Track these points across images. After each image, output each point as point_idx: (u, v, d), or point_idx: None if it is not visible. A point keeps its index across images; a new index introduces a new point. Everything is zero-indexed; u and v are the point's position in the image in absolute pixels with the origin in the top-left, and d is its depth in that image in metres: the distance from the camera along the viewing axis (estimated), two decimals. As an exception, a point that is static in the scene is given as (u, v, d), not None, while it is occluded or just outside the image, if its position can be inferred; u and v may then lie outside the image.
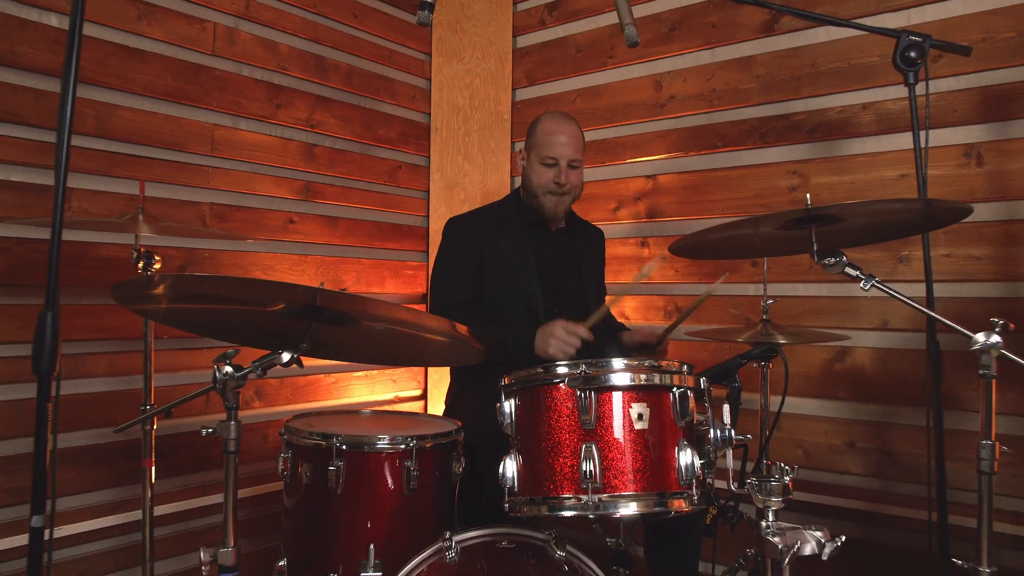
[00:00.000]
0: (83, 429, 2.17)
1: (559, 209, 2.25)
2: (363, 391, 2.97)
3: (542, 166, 2.20)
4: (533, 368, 1.40)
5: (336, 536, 1.64)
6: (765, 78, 2.60)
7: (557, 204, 2.23)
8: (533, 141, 2.24)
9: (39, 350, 1.31)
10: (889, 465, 2.33)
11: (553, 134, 2.20)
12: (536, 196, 2.23)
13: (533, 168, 2.22)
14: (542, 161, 2.20)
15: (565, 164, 2.19)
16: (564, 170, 2.19)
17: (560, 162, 2.19)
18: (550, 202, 2.23)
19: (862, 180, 2.40)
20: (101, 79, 2.20)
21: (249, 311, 1.46)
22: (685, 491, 1.31)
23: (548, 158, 2.19)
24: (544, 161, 2.19)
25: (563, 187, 2.20)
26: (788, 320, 2.41)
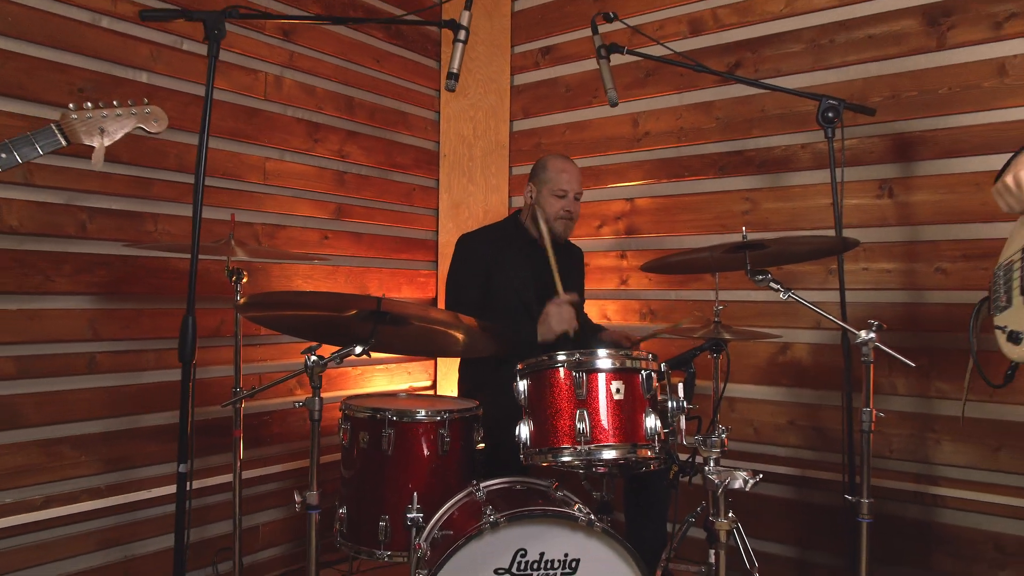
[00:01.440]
0: (166, 411, 2.65)
1: (567, 232, 2.77)
2: (383, 381, 3.47)
3: (554, 197, 2.71)
4: (541, 356, 1.91)
5: (386, 488, 2.13)
6: (723, 120, 3.13)
7: (566, 228, 2.76)
8: (545, 177, 2.74)
9: (183, 344, 1.79)
10: (820, 439, 2.87)
11: (564, 172, 2.72)
12: (548, 221, 2.71)
13: (546, 199, 2.72)
14: (554, 193, 2.71)
15: (572, 196, 2.71)
16: (572, 201, 2.72)
17: (569, 194, 2.71)
18: (560, 226, 2.74)
19: (800, 206, 2.94)
20: (181, 124, 2.67)
21: (330, 316, 1.96)
22: (650, 444, 1.83)
23: (560, 191, 2.70)
24: (556, 193, 2.71)
25: (571, 214, 2.73)
26: (740, 321, 2.93)
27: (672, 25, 3.27)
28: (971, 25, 2.60)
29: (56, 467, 2.39)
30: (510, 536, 1.69)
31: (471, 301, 2.70)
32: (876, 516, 2.55)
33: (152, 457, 2.62)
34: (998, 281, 1.59)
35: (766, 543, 2.89)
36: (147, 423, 2.62)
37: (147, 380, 2.61)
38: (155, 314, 2.63)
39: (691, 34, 3.22)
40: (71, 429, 2.43)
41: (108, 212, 2.50)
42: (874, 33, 2.78)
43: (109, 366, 2.52)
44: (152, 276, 2.62)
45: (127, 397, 2.57)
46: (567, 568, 1.70)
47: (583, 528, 1.71)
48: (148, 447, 2.61)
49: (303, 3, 3.11)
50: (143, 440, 2.61)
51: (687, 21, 3.24)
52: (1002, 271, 1.59)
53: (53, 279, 2.37)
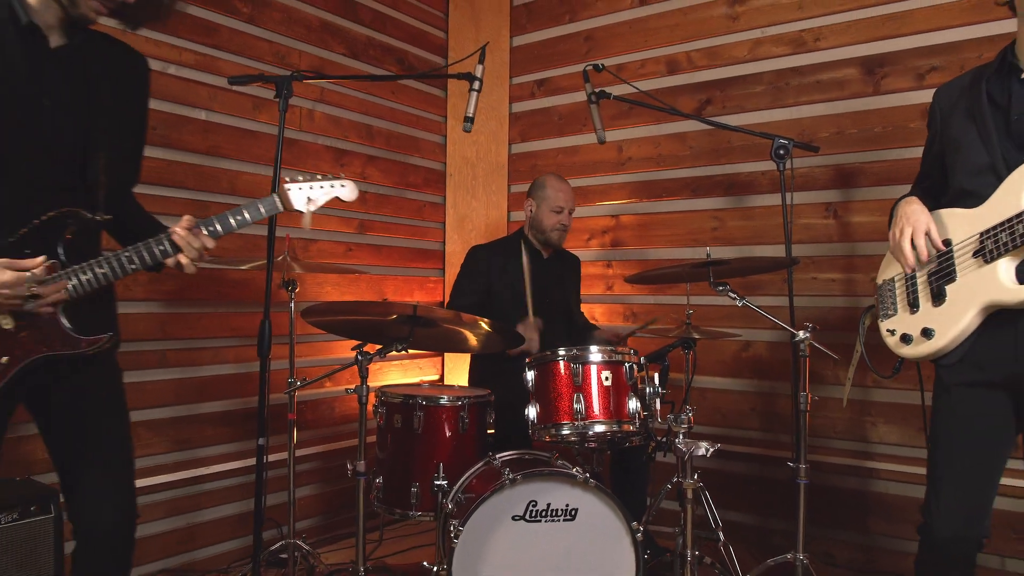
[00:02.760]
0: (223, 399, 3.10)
1: (562, 240, 3.29)
2: (397, 375, 3.93)
3: (552, 212, 3.20)
4: (545, 352, 2.39)
5: (416, 460, 2.59)
6: (696, 148, 3.63)
7: (560, 237, 3.26)
8: (544, 195, 3.23)
9: (261, 342, 2.24)
10: (777, 422, 3.37)
11: (561, 191, 3.22)
12: (546, 232, 3.22)
13: (544, 213, 3.21)
14: (552, 209, 3.20)
15: (567, 211, 3.20)
16: (567, 215, 3.21)
17: (565, 210, 3.20)
18: (555, 236, 3.24)
19: (760, 224, 3.43)
20: (230, 154, 3.13)
21: (375, 320, 2.42)
22: (632, 421, 2.31)
23: (557, 207, 3.19)
24: (554, 209, 3.20)
25: (565, 227, 3.22)
26: (709, 323, 3.42)
27: (652, 65, 3.76)
28: (900, 75, 3.10)
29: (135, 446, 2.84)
30: (524, 491, 2.16)
31: (466, 305, 3.16)
32: (822, 487, 3.09)
33: (210, 439, 3.08)
34: (884, 294, 2.06)
35: (732, 512, 3.38)
36: (206, 410, 3.07)
37: (206, 373, 3.06)
38: (213, 317, 3.08)
39: (668, 73, 3.72)
40: (145, 415, 2.87)
41: (174, 231, 2.95)
42: (822, 79, 3.29)
43: (176, 361, 2.97)
44: (211, 285, 3.06)
45: (190, 388, 3.02)
46: (568, 515, 2.17)
47: (581, 484, 2.18)
48: (207, 430, 3.07)
49: (330, 44, 3.56)
50: (203, 424, 3.06)
51: (665, 62, 3.73)
52: (887, 286, 2.05)
53: (132, 288, 2.81)
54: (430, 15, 4.14)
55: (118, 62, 1.76)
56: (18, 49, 1.56)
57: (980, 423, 1.80)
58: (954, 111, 1.88)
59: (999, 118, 1.76)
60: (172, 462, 2.95)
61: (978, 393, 1.79)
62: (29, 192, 1.60)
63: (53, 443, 1.75)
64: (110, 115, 1.71)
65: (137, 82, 1.83)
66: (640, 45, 3.80)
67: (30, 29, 1.58)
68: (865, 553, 3.13)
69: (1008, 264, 1.71)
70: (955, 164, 1.87)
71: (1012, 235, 1.67)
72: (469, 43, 4.21)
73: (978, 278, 1.75)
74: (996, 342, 1.74)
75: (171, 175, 2.94)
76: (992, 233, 1.72)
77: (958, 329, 1.78)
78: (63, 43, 1.64)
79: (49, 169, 1.62)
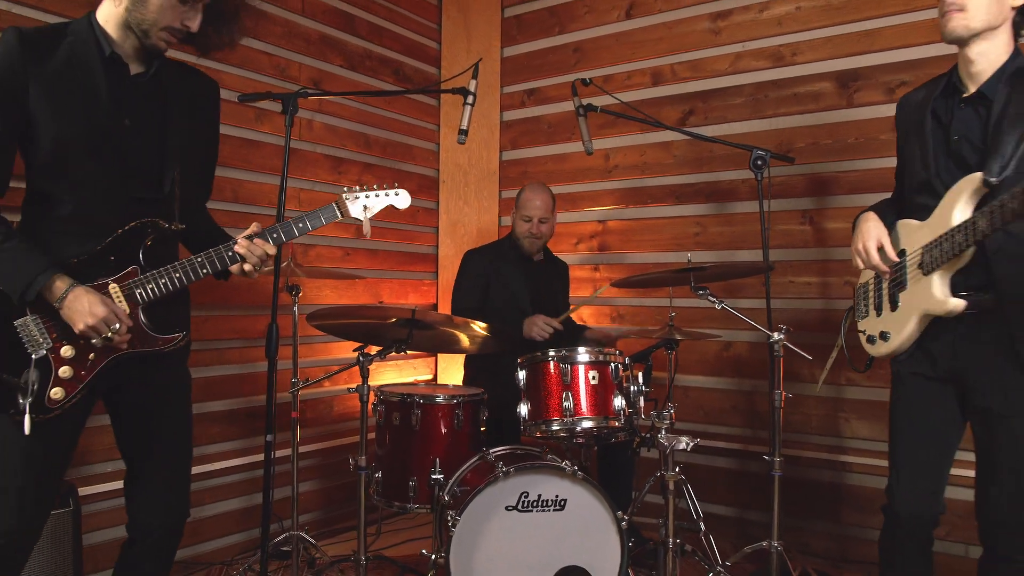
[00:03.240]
0: (225, 399, 3.23)
1: (532, 248, 3.42)
2: (393, 375, 4.07)
3: (521, 220, 3.36)
4: (536, 352, 2.54)
5: (414, 455, 2.73)
6: (680, 157, 3.79)
7: (531, 244, 3.40)
8: (518, 204, 3.40)
9: (269, 344, 2.38)
10: (755, 419, 3.53)
11: (530, 201, 3.37)
12: (518, 238, 3.39)
13: (516, 222, 3.41)
14: (522, 217, 3.36)
15: (536, 220, 3.35)
16: (535, 224, 3.35)
17: (533, 219, 3.35)
18: (526, 243, 3.39)
19: (740, 230, 3.60)
20: (234, 163, 3.26)
21: (375, 323, 2.56)
22: (617, 417, 2.47)
23: (525, 216, 3.35)
24: (523, 217, 3.36)
25: (535, 235, 3.36)
26: (691, 324, 3.58)
27: (638, 76, 3.92)
28: (872, 89, 3.27)
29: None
30: (517, 482, 2.31)
31: (471, 307, 3.33)
32: (798, 480, 3.25)
33: (214, 437, 3.21)
34: (859, 296, 2.24)
35: (713, 505, 3.54)
36: (210, 409, 3.20)
37: (211, 374, 3.20)
38: (217, 319, 3.21)
39: (653, 84, 3.87)
40: (153, 413, 3.00)
41: (181, 237, 3.08)
42: (798, 92, 3.45)
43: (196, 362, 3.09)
44: (213, 289, 3.17)
45: (196, 387, 3.10)
46: (558, 506, 2.32)
47: (570, 476, 2.33)
48: (211, 429, 3.19)
49: (328, 56, 3.70)
50: (207, 423, 3.19)
51: (650, 73, 3.89)
52: (861, 289, 2.23)
53: (140, 292, 2.94)
54: (424, 27, 4.28)
55: (190, 87, 1.94)
56: (103, 77, 1.75)
57: (931, 413, 1.98)
58: (908, 125, 2.05)
59: (940, 136, 1.93)
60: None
61: (929, 386, 1.97)
62: (112, 204, 1.79)
63: (123, 438, 1.93)
64: (183, 135, 1.89)
65: (208, 104, 2.02)
66: (627, 57, 3.95)
67: (112, 59, 1.77)
68: (839, 542, 3.30)
69: (941, 276, 1.88)
70: (904, 177, 2.05)
71: (942, 250, 1.84)
72: (462, 53, 4.35)
73: (920, 288, 1.93)
74: (940, 342, 1.92)
75: (177, 184, 3.06)
76: (930, 247, 1.89)
77: (906, 334, 1.96)
78: (141, 71, 1.84)
79: (130, 184, 1.81)
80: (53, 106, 1.70)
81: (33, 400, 1.67)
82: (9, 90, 1.67)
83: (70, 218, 1.76)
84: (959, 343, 1.88)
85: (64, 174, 1.74)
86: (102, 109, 1.75)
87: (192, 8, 1.78)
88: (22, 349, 1.69)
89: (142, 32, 1.76)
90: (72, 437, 1.83)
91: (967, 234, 1.76)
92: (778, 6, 3.52)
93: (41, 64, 1.69)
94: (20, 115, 1.68)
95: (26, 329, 1.69)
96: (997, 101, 1.84)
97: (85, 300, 1.68)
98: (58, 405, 1.72)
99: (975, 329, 1.87)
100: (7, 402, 1.67)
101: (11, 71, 1.66)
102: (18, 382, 1.66)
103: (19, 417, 1.66)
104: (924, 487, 1.99)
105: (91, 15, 1.80)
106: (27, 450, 1.70)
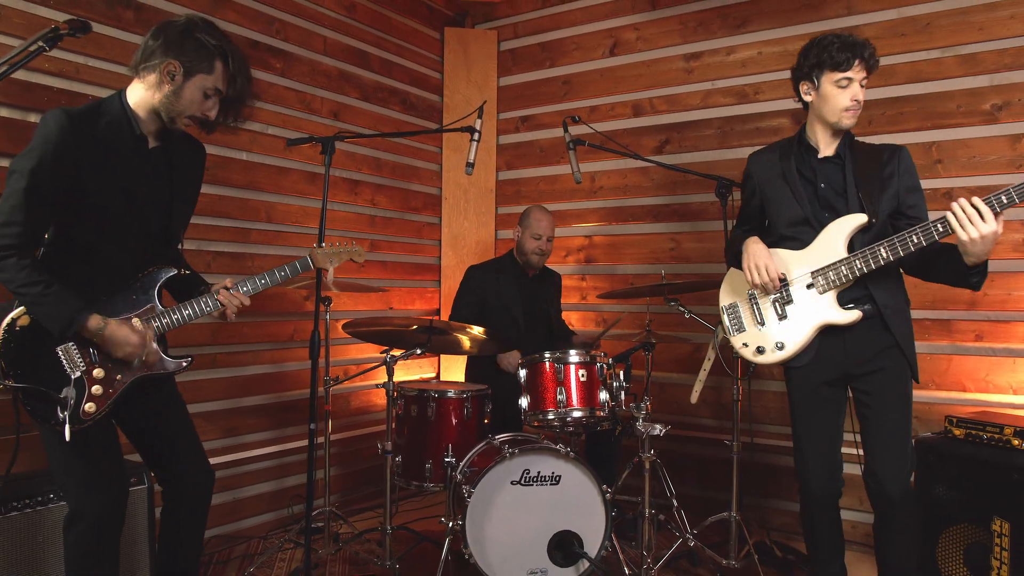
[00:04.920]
0: (261, 394, 3.69)
1: (540, 263, 3.89)
2: (401, 373, 4.54)
3: (532, 239, 3.83)
4: (534, 355, 3.03)
5: (429, 443, 3.20)
6: (657, 181, 4.29)
7: (539, 260, 3.87)
8: (528, 223, 3.85)
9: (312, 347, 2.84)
10: (723, 411, 4.04)
11: (541, 221, 3.84)
12: (527, 255, 3.85)
13: (527, 239, 3.84)
14: (532, 236, 3.83)
15: (545, 239, 3.83)
16: (544, 241, 3.83)
17: (543, 237, 3.83)
18: (535, 259, 3.86)
19: (710, 246, 4.10)
20: (267, 188, 3.72)
21: (398, 330, 3.04)
22: (602, 408, 2.96)
23: (536, 235, 3.82)
24: (534, 236, 3.82)
25: (544, 251, 3.84)
26: (665, 328, 4.08)
27: (620, 108, 4.42)
28: (822, 126, 3.78)
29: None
30: (520, 462, 2.79)
31: (466, 317, 3.79)
32: (759, 464, 3.76)
33: (252, 428, 3.67)
34: (730, 315, 2.65)
35: (684, 486, 4.04)
36: (248, 404, 3.66)
37: (248, 373, 3.66)
38: (252, 325, 3.67)
39: (634, 115, 4.37)
40: (200, 407, 3.45)
41: (223, 254, 3.54)
42: (760, 126, 3.96)
43: (224, 363, 3.55)
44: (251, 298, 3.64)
45: (236, 385, 3.60)
46: (554, 481, 2.81)
47: (564, 457, 2.82)
48: (248, 421, 3.66)
49: (346, 90, 4.16)
50: (245, 416, 3.65)
51: (631, 105, 4.39)
52: (731, 309, 2.65)
53: (190, 302, 3.39)
54: (428, 59, 4.75)
55: (187, 152, 2.34)
56: (130, 151, 2.15)
57: (825, 407, 2.49)
58: (771, 176, 2.57)
59: (808, 187, 2.48)
60: (221, 447, 3.54)
61: (822, 383, 2.47)
62: (132, 254, 2.20)
63: (149, 436, 2.30)
64: (183, 195, 2.32)
65: (198, 168, 2.41)
66: (610, 90, 4.45)
67: (140, 138, 2.16)
68: (793, 517, 3.81)
69: (833, 295, 2.41)
70: (775, 216, 2.56)
71: (837, 275, 2.37)
72: (462, 83, 4.83)
73: (813, 304, 2.44)
74: (830, 347, 2.44)
75: (219, 207, 3.52)
76: (822, 272, 2.41)
77: (800, 342, 2.46)
78: (157, 145, 2.23)
79: (145, 237, 2.22)
80: (96, 176, 2.04)
81: (71, 413, 2.03)
82: (67, 163, 1.98)
83: (100, 264, 2.13)
84: (847, 345, 2.40)
85: (100, 229, 2.10)
86: (131, 179, 2.12)
87: (212, 101, 2.17)
88: (55, 372, 2.04)
89: (169, 118, 2.14)
90: (109, 437, 2.18)
91: (868, 261, 2.29)
92: (743, 51, 4.03)
93: (87, 140, 2.02)
94: (72, 183, 2.00)
95: (67, 354, 2.07)
96: (848, 160, 2.46)
97: (119, 333, 2.08)
98: (90, 417, 2.07)
99: (858, 333, 2.40)
100: (48, 414, 2.02)
101: (66, 147, 1.97)
102: (58, 397, 2.02)
103: (59, 427, 2.00)
104: (826, 469, 2.50)
105: (122, 96, 2.12)
106: (73, 451, 2.06)
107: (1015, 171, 3.36)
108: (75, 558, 2.10)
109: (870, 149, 2.49)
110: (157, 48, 2.07)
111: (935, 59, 3.54)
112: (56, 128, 1.96)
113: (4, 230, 1.92)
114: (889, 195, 2.40)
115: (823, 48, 2.40)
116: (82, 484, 2.09)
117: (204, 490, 2.39)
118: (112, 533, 2.17)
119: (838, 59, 2.37)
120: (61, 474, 2.11)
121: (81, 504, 2.09)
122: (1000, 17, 3.39)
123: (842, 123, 2.43)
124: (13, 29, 2.78)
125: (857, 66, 2.37)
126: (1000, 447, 2.75)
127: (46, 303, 1.97)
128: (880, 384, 2.40)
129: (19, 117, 2.81)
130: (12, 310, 2.04)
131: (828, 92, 2.42)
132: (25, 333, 2.03)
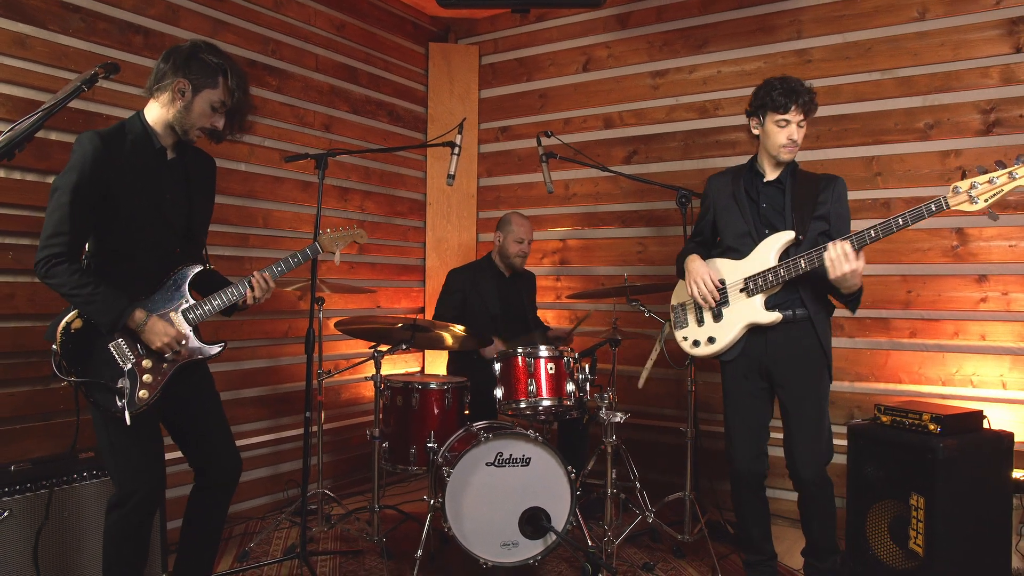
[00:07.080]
0: (257, 387, 4.00)
1: (522, 264, 4.22)
2: (387, 367, 4.85)
3: (515, 243, 4.15)
4: (508, 349, 3.36)
5: (413, 430, 3.52)
6: (626, 188, 4.62)
7: (521, 262, 4.20)
8: (510, 229, 4.16)
9: (308, 342, 3.15)
10: (682, 402, 4.38)
11: (522, 226, 4.16)
12: (510, 257, 4.16)
13: (509, 244, 4.15)
14: (515, 240, 4.15)
15: (526, 242, 4.16)
16: (526, 244, 4.16)
17: (524, 241, 4.15)
18: (518, 261, 4.18)
19: (674, 250, 4.40)
20: (265, 196, 4.02)
21: (385, 327, 3.36)
22: (569, 398, 3.29)
23: (519, 239, 4.14)
24: (516, 240, 4.14)
25: (525, 254, 4.17)
26: (630, 325, 4.42)
27: (592, 120, 4.75)
28: (774, 140, 4.13)
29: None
30: (494, 445, 3.12)
31: (448, 316, 4.11)
32: (713, 450, 4.10)
33: (249, 417, 3.98)
34: (677, 312, 3.04)
35: (646, 470, 4.38)
36: (245, 395, 3.97)
37: (246, 367, 3.96)
38: (250, 323, 3.98)
39: (604, 127, 4.71)
40: (203, 398, 3.75)
41: (224, 257, 3.84)
42: (719, 139, 4.31)
43: (224, 357, 3.83)
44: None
45: (234, 378, 3.91)
46: (524, 462, 3.14)
47: (533, 441, 3.15)
48: (246, 411, 3.97)
49: (336, 104, 4.47)
50: (242, 406, 3.96)
51: (602, 118, 4.72)
52: (679, 307, 3.04)
53: (194, 302, 3.69)
54: (414, 73, 5.06)
55: (200, 163, 2.62)
56: (151, 163, 2.41)
57: (752, 395, 2.84)
58: (724, 196, 2.94)
59: (752, 206, 2.84)
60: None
61: (748, 376, 2.83)
62: (161, 256, 2.46)
63: (184, 420, 2.54)
64: (201, 201, 2.60)
65: (211, 177, 2.68)
66: (583, 104, 4.78)
67: (160, 151, 2.43)
68: (747, 499, 4.16)
69: (761, 298, 2.76)
70: (724, 230, 2.92)
71: (765, 280, 2.72)
72: (445, 95, 5.14)
73: (744, 306, 2.79)
74: (755, 344, 2.79)
75: (220, 214, 3.79)
76: (753, 278, 2.76)
77: (730, 338, 2.81)
78: (174, 156, 2.49)
79: (171, 239, 2.48)
80: (128, 189, 2.27)
81: (128, 400, 2.31)
82: (102, 180, 2.21)
83: (136, 267, 2.36)
84: (769, 343, 2.75)
85: (133, 237, 2.33)
86: (155, 187, 2.35)
87: (218, 113, 2.44)
88: (109, 366, 2.28)
89: (183, 131, 2.40)
90: (154, 423, 2.44)
91: (790, 270, 2.64)
92: (704, 69, 4.37)
93: (117, 157, 2.25)
94: (106, 194, 2.24)
95: (119, 349, 2.34)
96: (788, 185, 2.81)
97: (159, 326, 2.35)
98: (144, 403, 2.31)
99: (781, 333, 2.75)
100: (108, 403, 2.27)
101: (100, 164, 2.20)
102: (116, 387, 2.30)
103: (120, 414, 2.25)
104: (753, 452, 2.86)
105: (141, 115, 2.35)
106: (130, 434, 2.32)
107: (944, 183, 3.71)
108: (114, 537, 2.35)
109: (810, 177, 2.84)
110: (168, 70, 2.34)
111: (876, 81, 3.90)
112: (91, 148, 2.22)
113: (54, 240, 2.19)
114: (819, 217, 2.76)
115: (768, 91, 2.76)
116: (132, 465, 2.34)
117: (233, 476, 2.61)
118: (150, 515, 2.41)
119: (778, 102, 2.72)
120: (112, 455, 2.35)
121: (128, 485, 2.33)
122: (931, 44, 3.75)
123: (780, 157, 2.78)
124: (37, 56, 3.07)
125: (794, 110, 2.72)
126: (919, 432, 3.10)
127: (96, 301, 2.24)
128: (797, 379, 2.76)
129: (41, 136, 3.10)
130: (64, 316, 2.31)
131: (770, 130, 2.77)
132: (80, 334, 2.30)
